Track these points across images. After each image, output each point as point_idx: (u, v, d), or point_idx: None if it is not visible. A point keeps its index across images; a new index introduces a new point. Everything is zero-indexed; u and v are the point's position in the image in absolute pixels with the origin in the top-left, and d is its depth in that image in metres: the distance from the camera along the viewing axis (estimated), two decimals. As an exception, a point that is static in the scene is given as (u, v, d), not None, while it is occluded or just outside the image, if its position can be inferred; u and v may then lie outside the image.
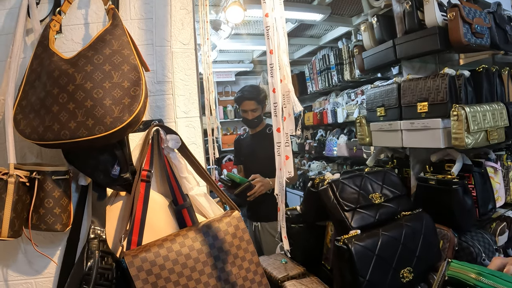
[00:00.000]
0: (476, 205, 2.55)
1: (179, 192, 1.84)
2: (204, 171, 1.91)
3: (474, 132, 2.38)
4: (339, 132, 6.38)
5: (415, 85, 2.62)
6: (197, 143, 2.09)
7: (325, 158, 7.01)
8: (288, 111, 1.58)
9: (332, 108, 6.23)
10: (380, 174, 2.42)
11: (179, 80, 2.05)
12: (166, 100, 2.03)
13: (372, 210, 2.22)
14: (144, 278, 1.52)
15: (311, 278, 2.34)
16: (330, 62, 6.17)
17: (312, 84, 6.92)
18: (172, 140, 1.80)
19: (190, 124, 2.07)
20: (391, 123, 2.80)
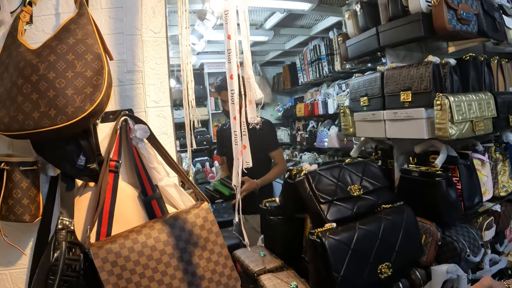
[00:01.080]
0: (461, 198, 2.50)
1: (148, 183, 1.80)
2: (174, 161, 1.86)
3: (459, 123, 2.32)
4: (330, 123, 6.36)
5: (399, 73, 2.56)
6: (168, 133, 2.04)
7: (316, 149, 7.00)
8: (249, 98, 1.51)
9: (323, 99, 6.21)
10: (360, 166, 2.35)
11: (149, 69, 2.00)
12: (136, 90, 1.97)
13: (349, 203, 2.16)
14: (109, 269, 1.51)
15: (288, 271, 2.31)
16: (321, 53, 6.14)
17: (304, 74, 6.90)
18: (140, 130, 1.77)
19: (161, 113, 2.02)
20: (374, 113, 2.75)
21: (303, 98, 7.40)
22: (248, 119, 1.53)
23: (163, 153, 1.84)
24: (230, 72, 1.45)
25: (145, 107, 1.99)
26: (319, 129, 6.52)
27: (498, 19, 2.82)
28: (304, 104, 6.92)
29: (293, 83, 7.51)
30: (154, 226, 1.64)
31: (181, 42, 2.50)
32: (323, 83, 6.78)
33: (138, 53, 1.97)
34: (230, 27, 1.45)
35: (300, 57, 6.97)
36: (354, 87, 3.03)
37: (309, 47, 6.50)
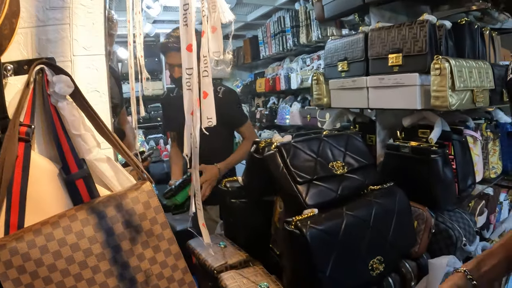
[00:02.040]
0: (456, 179, 2.23)
1: (72, 156, 1.32)
2: (107, 128, 1.41)
3: (460, 91, 2.01)
4: (292, 100, 6.21)
5: (387, 34, 2.23)
6: (101, 90, 1.62)
7: (277, 127, 6.82)
8: (212, 24, 1.10)
9: (285, 73, 6.00)
10: (342, 138, 1.99)
11: (79, 6, 1.57)
12: (60, 32, 1.54)
13: (333, 183, 1.78)
14: (14, 277, 1.08)
15: (255, 267, 1.94)
16: (285, 25, 5.96)
17: (266, 48, 6.72)
18: (60, 83, 1.30)
19: (92, 64, 1.60)
20: (355, 79, 2.42)
21: (264, 73, 7.20)
22: (211, 54, 1.12)
23: (92, 116, 1.38)
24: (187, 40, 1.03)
25: (71, 55, 1.56)
26: (280, 106, 6.37)
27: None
28: (265, 79, 6.68)
29: (254, 57, 7.29)
30: (77, 216, 1.20)
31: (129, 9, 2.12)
32: (286, 58, 6.59)
33: None
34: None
35: (262, 30, 6.75)
36: (330, 50, 2.68)
37: (273, 19, 6.29)
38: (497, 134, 2.81)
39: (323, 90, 2.74)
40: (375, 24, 2.38)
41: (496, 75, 2.43)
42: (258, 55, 7.01)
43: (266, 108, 6.96)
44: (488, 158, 2.69)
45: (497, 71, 2.47)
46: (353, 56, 2.44)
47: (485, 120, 2.82)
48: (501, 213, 3.35)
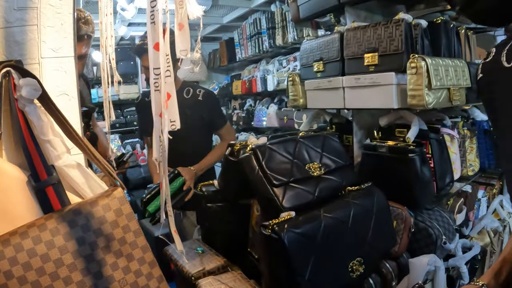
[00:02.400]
0: (434, 178, 2.24)
1: (41, 163, 1.26)
2: (76, 133, 1.35)
3: (436, 89, 2.01)
4: (269, 102, 6.24)
5: (362, 33, 2.23)
6: (70, 94, 1.58)
7: (254, 129, 6.85)
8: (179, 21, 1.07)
9: (262, 75, 6.03)
10: (318, 139, 1.97)
11: (47, 6, 1.54)
12: (28, 34, 1.51)
13: (310, 185, 1.76)
14: None
15: (233, 272, 1.93)
16: (261, 27, 5.98)
17: (242, 50, 6.72)
18: (28, 86, 1.23)
19: (61, 66, 1.56)
20: (330, 79, 2.41)
21: (241, 76, 7.21)
22: (177, 52, 1.09)
23: (61, 120, 1.32)
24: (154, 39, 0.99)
25: (39, 58, 1.53)
26: (257, 108, 6.38)
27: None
28: (241, 82, 6.68)
29: (230, 59, 7.30)
30: (47, 225, 1.15)
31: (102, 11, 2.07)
32: (263, 59, 6.62)
33: None
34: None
35: (238, 32, 6.76)
36: (305, 51, 2.67)
37: (249, 21, 6.31)
38: (474, 132, 2.82)
39: (299, 91, 2.73)
40: (351, 24, 2.38)
41: (472, 74, 2.41)
42: (235, 57, 7.01)
43: (243, 110, 6.96)
44: (465, 156, 2.71)
45: (473, 69, 2.44)
46: (329, 56, 2.42)
47: (461, 118, 2.84)
48: (479, 210, 3.38)
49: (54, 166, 1.29)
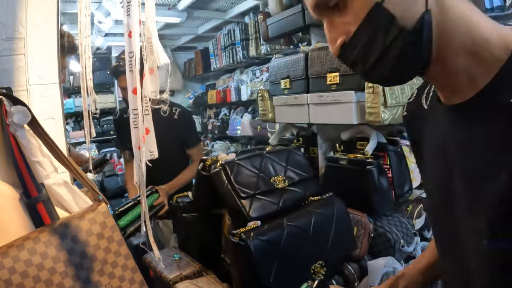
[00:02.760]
0: (392, 186, 2.39)
1: (32, 182, 1.39)
2: (63, 154, 1.47)
3: (392, 107, 2.16)
4: (243, 111, 6.32)
5: (325, 54, 2.37)
6: (56, 118, 1.69)
7: (228, 138, 6.93)
8: (149, 66, 1.22)
9: (236, 85, 6.13)
10: (283, 154, 2.12)
11: (34, 37, 1.64)
12: (16, 62, 1.60)
13: (274, 196, 1.91)
14: None
15: (208, 277, 2.05)
16: (235, 38, 6.08)
17: (216, 60, 6.81)
18: (19, 113, 1.35)
19: (47, 93, 1.67)
20: (296, 96, 2.56)
21: (215, 85, 7.29)
22: (148, 93, 1.24)
23: (49, 143, 1.45)
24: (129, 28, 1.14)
25: (27, 85, 1.63)
26: (232, 117, 6.47)
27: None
28: (216, 91, 6.78)
29: (205, 69, 7.37)
30: (40, 238, 1.28)
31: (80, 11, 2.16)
32: (236, 70, 6.70)
33: (21, 16, 1.61)
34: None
35: (213, 42, 6.84)
36: (274, 68, 2.82)
37: (223, 32, 6.40)
38: None
39: (268, 106, 2.88)
40: (315, 44, 2.51)
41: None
42: (209, 67, 7.08)
43: (217, 119, 7.02)
44: None
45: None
46: (295, 74, 2.56)
47: None
48: (440, 214, 3.55)
49: (44, 184, 1.42)
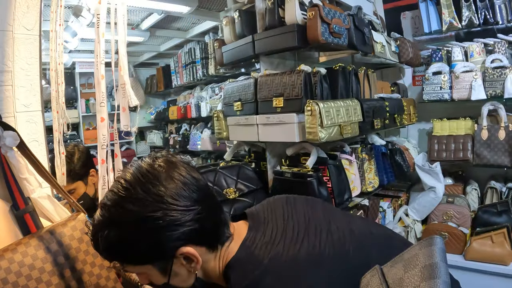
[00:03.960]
0: (332, 195, 2.64)
1: (20, 195, 1.66)
2: (46, 171, 1.73)
3: (328, 127, 2.45)
4: (203, 126, 6.41)
5: (272, 80, 2.64)
6: (39, 140, 1.92)
7: (189, 152, 6.98)
8: (122, 105, 1.50)
9: (196, 102, 6.24)
10: (234, 169, 2.43)
11: (20, 70, 1.87)
12: (4, 92, 1.84)
13: (226, 206, 2.22)
14: None
15: None
16: (195, 56, 6.16)
17: (177, 77, 6.88)
18: (9, 137, 1.60)
19: (31, 119, 1.91)
20: (247, 117, 2.81)
21: (176, 101, 7.37)
22: (121, 126, 1.52)
23: (34, 162, 1.68)
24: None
25: (14, 112, 1.86)
26: (192, 132, 6.55)
27: (367, 33, 3.04)
28: (177, 107, 6.89)
29: (167, 85, 7.47)
30: (30, 243, 1.53)
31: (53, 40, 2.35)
32: (197, 86, 6.80)
33: (9, 52, 1.84)
34: (100, 30, 1.44)
35: (174, 60, 6.93)
36: (227, 92, 3.08)
37: (184, 50, 6.49)
38: (372, 155, 3.29)
39: (222, 126, 3.13)
40: (263, 71, 2.80)
41: (365, 109, 2.90)
42: (171, 83, 7.15)
43: (178, 134, 7.10)
44: (364, 176, 3.15)
45: (367, 105, 2.94)
46: (246, 98, 2.83)
47: (361, 144, 3.31)
48: (385, 219, 3.88)
49: (30, 198, 1.69)
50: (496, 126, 3.89)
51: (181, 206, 1.24)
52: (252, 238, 1.43)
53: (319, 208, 1.63)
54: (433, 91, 4.17)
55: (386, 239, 1.63)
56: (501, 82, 3.78)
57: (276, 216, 1.54)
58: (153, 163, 1.30)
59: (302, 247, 1.37)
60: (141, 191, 1.22)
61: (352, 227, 1.54)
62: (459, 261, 3.63)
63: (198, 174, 1.38)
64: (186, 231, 1.25)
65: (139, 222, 1.21)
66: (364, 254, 1.45)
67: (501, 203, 3.78)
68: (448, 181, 4.44)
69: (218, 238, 1.39)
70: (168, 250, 1.26)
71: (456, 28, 4.14)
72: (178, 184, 1.27)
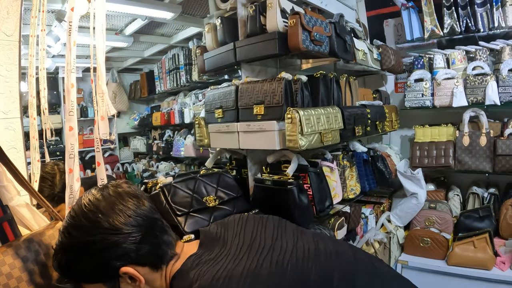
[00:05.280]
0: (313, 202, 2.65)
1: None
2: (24, 179, 1.68)
3: (308, 134, 2.45)
4: (186, 133, 6.44)
5: (252, 88, 2.64)
6: (18, 147, 1.91)
7: (173, 158, 7.02)
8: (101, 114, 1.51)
9: (179, 108, 6.26)
10: (214, 177, 2.42)
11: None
12: None
13: (206, 214, 2.21)
14: None
15: None
16: (179, 62, 6.19)
17: (161, 83, 6.89)
18: None
19: (10, 126, 1.89)
20: (228, 124, 2.81)
21: (160, 107, 7.37)
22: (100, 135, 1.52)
23: (12, 169, 1.63)
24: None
25: None
26: (176, 138, 6.57)
27: (348, 41, 3.03)
28: (160, 113, 6.90)
29: (150, 91, 7.47)
30: (8, 252, 1.51)
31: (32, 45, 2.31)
32: (180, 92, 6.82)
33: None
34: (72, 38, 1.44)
35: (158, 65, 6.94)
36: (209, 99, 3.07)
37: (168, 56, 6.51)
38: (353, 162, 3.29)
39: (204, 133, 3.11)
40: (244, 79, 2.80)
41: (347, 116, 2.91)
42: (154, 89, 7.15)
43: (162, 140, 7.10)
44: (346, 183, 3.15)
45: (348, 113, 2.95)
46: (227, 105, 2.82)
47: (342, 151, 3.30)
48: (367, 225, 3.90)
49: (8, 206, 1.65)
50: (477, 133, 3.93)
51: (117, 231, 1.40)
52: (198, 255, 1.55)
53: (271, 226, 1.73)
54: (415, 98, 4.22)
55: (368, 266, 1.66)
56: (482, 89, 3.83)
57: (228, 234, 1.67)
58: (97, 194, 1.47)
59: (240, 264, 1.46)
60: (83, 219, 1.40)
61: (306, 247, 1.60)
62: (441, 267, 3.66)
63: (142, 202, 1.53)
64: (124, 253, 1.41)
65: (81, 246, 1.39)
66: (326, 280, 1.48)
67: (483, 209, 3.85)
68: (430, 187, 4.48)
69: (161, 258, 1.52)
70: (110, 270, 1.41)
71: (438, 35, 4.19)
72: (116, 211, 1.43)
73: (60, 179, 2.67)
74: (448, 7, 4.03)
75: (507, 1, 3.78)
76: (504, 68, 3.72)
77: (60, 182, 2.66)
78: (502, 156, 3.72)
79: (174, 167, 6.83)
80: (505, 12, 3.80)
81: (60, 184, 2.65)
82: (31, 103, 2.33)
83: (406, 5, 4.38)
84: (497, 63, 3.98)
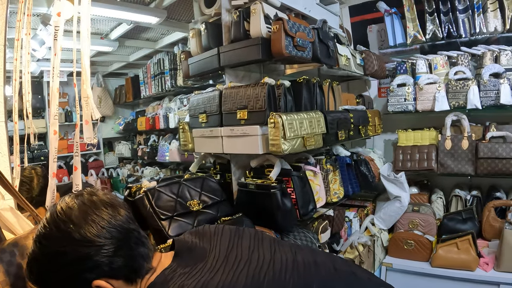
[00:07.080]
0: (297, 206, 2.67)
1: None
2: (9, 183, 1.67)
3: (291, 139, 2.47)
4: (171, 138, 6.39)
5: (236, 93, 2.66)
6: (2, 151, 1.89)
7: (158, 163, 6.98)
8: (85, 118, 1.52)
9: (164, 113, 6.24)
10: (198, 181, 2.44)
11: None
12: None
13: (190, 218, 2.22)
14: None
15: None
16: (164, 67, 6.17)
17: (146, 88, 6.86)
18: None
19: None
20: (212, 129, 2.83)
21: (145, 112, 7.36)
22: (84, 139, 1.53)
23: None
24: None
25: None
26: (160, 143, 6.53)
27: (331, 47, 3.06)
28: (145, 118, 6.87)
29: (135, 96, 7.42)
30: None
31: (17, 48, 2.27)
32: (165, 97, 6.79)
33: None
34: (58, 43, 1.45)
35: (143, 70, 6.91)
36: (193, 104, 3.09)
37: (153, 61, 6.48)
38: (336, 166, 3.34)
39: (188, 137, 3.15)
40: (228, 84, 2.82)
41: (329, 121, 2.94)
42: (139, 94, 7.11)
43: (147, 145, 7.07)
44: (329, 186, 3.19)
45: (331, 117, 2.98)
46: (211, 110, 2.84)
47: (325, 155, 3.33)
48: (351, 228, 3.94)
49: None
50: (459, 136, 3.97)
51: (89, 243, 1.30)
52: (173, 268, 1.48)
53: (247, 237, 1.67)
54: (397, 103, 4.26)
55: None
56: (464, 93, 3.87)
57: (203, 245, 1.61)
58: (70, 202, 1.37)
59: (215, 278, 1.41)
60: (54, 228, 1.31)
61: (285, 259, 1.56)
62: (425, 268, 3.69)
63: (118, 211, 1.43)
64: (96, 266, 1.31)
65: (51, 256, 1.30)
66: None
67: (465, 211, 3.91)
68: (414, 190, 4.51)
69: (136, 272, 1.43)
70: (82, 282, 1.32)
71: (421, 41, 4.23)
72: (88, 222, 1.33)
73: (37, 183, 2.69)
74: (431, 13, 4.08)
75: (488, 7, 3.82)
76: (485, 73, 3.76)
77: (38, 186, 2.67)
78: (484, 159, 3.76)
79: (159, 172, 6.80)
80: (486, 18, 3.85)
81: (38, 187, 2.67)
82: (15, 108, 2.30)
83: (389, 11, 4.42)
84: (478, 68, 4.03)
